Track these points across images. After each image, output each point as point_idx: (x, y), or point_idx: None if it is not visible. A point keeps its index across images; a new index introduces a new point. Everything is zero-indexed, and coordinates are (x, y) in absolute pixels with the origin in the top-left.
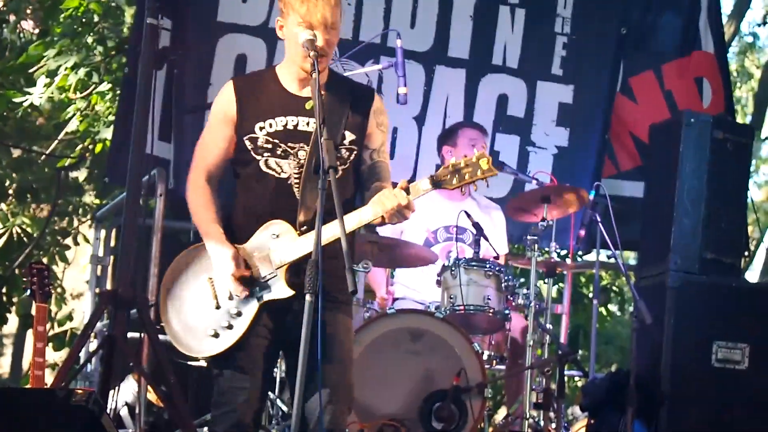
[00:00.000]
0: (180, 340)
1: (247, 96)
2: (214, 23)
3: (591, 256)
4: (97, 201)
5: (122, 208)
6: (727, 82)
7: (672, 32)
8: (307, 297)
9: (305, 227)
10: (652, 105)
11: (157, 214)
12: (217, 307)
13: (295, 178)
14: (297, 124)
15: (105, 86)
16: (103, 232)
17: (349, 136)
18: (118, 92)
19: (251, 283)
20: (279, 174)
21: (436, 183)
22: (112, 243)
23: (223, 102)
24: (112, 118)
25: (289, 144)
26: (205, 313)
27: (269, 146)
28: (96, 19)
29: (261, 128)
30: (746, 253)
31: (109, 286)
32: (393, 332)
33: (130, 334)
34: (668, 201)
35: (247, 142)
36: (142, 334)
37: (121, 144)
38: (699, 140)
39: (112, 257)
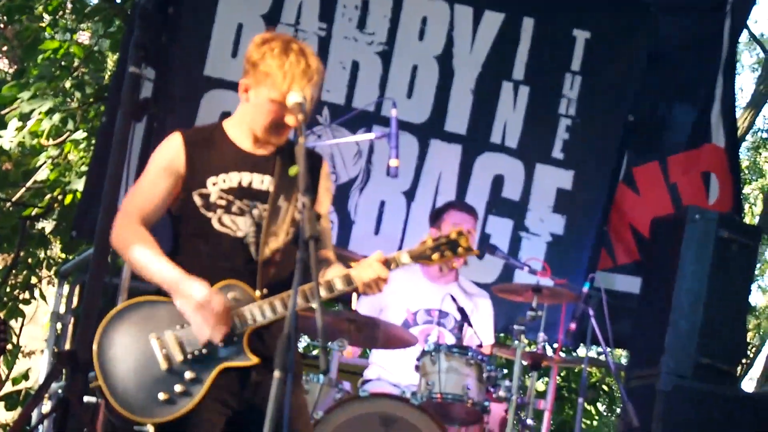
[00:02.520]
0: (127, 403)
1: (197, 149)
2: (200, 77)
3: (580, 351)
4: (63, 255)
5: (88, 264)
6: (736, 178)
7: (682, 123)
8: (276, 373)
9: (265, 290)
10: (655, 198)
11: (124, 273)
12: (169, 370)
13: (252, 237)
14: (251, 182)
15: (80, 134)
16: (66, 288)
17: (302, 199)
18: (94, 142)
19: (209, 344)
20: (235, 232)
21: (415, 258)
22: (75, 300)
23: (170, 153)
24: (85, 168)
25: (245, 201)
26: (152, 375)
27: (223, 203)
28: (76, 63)
29: (213, 183)
30: (744, 360)
31: (68, 346)
32: (364, 416)
33: (86, 399)
34: (665, 300)
35: (198, 199)
36: (99, 399)
37: (92, 197)
38: (702, 239)
39: (73, 317)
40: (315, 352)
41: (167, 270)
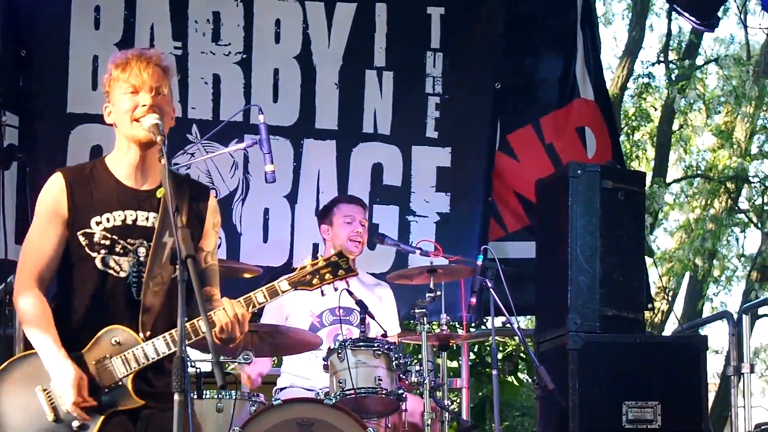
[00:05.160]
0: None
1: (79, 189)
2: (64, 115)
3: (490, 324)
4: None
5: None
6: (612, 128)
7: (549, 82)
8: (176, 396)
9: (149, 332)
10: (534, 161)
11: (17, 323)
12: (56, 420)
13: (134, 277)
14: (136, 219)
15: None
16: None
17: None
18: None
19: (94, 395)
20: (117, 273)
21: (294, 284)
22: None
23: (53, 196)
24: None
25: (129, 240)
26: (41, 427)
27: (107, 243)
28: None
29: (98, 223)
30: (652, 306)
31: None
32: (281, 425)
33: None
34: (561, 259)
35: (81, 238)
36: None
37: None
38: (588, 192)
39: None
40: (231, 368)
41: (49, 351)
